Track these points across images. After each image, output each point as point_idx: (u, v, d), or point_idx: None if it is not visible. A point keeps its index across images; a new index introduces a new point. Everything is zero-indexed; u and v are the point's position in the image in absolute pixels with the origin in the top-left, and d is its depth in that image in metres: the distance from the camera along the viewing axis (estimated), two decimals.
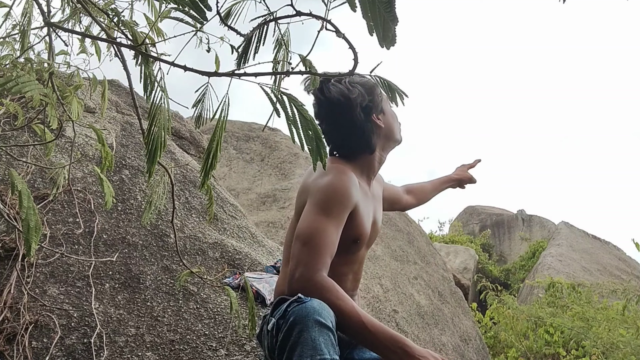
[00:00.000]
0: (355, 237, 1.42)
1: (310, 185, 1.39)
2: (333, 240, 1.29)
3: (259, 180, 4.40)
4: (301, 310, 1.08)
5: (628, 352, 3.72)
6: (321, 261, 1.24)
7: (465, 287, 7.13)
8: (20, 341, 1.38)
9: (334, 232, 1.30)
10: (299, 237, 1.26)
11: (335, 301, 1.16)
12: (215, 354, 1.55)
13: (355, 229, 1.40)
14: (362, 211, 1.42)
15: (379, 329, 1.15)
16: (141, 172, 2.24)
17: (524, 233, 10.72)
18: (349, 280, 1.50)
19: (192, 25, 1.15)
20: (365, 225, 1.44)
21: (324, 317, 1.07)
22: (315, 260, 1.24)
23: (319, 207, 1.33)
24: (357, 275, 1.55)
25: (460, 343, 3.49)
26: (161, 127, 0.97)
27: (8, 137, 2.03)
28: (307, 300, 1.11)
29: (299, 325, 1.06)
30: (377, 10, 0.67)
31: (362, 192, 1.46)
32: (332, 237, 1.29)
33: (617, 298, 5.31)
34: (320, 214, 1.32)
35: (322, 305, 1.10)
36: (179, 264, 1.84)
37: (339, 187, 1.36)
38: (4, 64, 1.80)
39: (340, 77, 1.40)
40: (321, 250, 1.25)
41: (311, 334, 1.04)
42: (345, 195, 1.35)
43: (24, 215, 0.92)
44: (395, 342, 1.13)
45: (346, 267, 1.47)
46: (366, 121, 1.48)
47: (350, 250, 1.44)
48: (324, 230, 1.29)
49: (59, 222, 1.80)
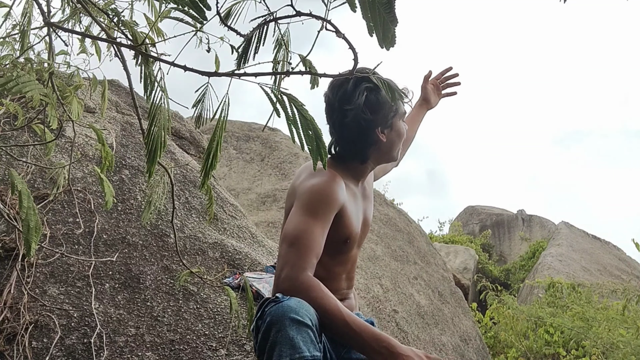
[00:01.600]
0: (345, 237, 1.43)
1: (298, 187, 1.41)
2: (318, 241, 1.30)
3: (259, 180, 4.40)
4: (277, 309, 1.08)
5: (628, 352, 3.72)
6: (307, 261, 1.26)
7: (465, 287, 7.13)
8: (20, 341, 1.38)
9: (319, 233, 1.32)
10: (286, 238, 1.29)
11: (319, 300, 1.17)
12: (215, 354, 1.55)
13: (344, 229, 1.42)
14: (349, 212, 1.43)
15: (363, 328, 1.15)
16: (141, 172, 2.24)
17: (524, 233, 10.73)
18: (343, 280, 1.52)
19: (192, 25, 1.15)
20: (354, 225, 1.45)
21: (301, 315, 1.07)
22: (302, 261, 1.25)
23: (305, 209, 1.34)
24: (351, 274, 1.56)
25: (460, 343, 3.49)
26: (161, 127, 0.97)
27: (8, 137, 2.03)
28: (285, 299, 1.11)
29: (276, 325, 1.06)
30: (377, 10, 0.67)
31: (350, 193, 1.46)
32: (318, 238, 1.30)
33: (617, 298, 5.32)
34: (306, 215, 1.33)
35: (300, 304, 1.10)
36: (179, 264, 1.84)
37: (324, 189, 1.37)
38: (4, 64, 1.80)
39: (340, 76, 1.40)
40: (307, 251, 1.27)
41: (288, 332, 1.04)
42: (330, 197, 1.36)
43: (24, 215, 0.92)
44: (380, 341, 1.13)
45: (340, 267, 1.49)
46: (365, 132, 1.46)
47: (341, 250, 1.46)
48: (310, 231, 1.31)
49: (59, 222, 1.80)
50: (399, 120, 1.52)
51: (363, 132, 1.45)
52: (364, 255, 3.43)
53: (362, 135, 1.46)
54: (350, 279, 1.56)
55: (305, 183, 1.39)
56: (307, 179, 1.40)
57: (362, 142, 1.47)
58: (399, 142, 1.54)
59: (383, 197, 4.92)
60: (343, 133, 1.47)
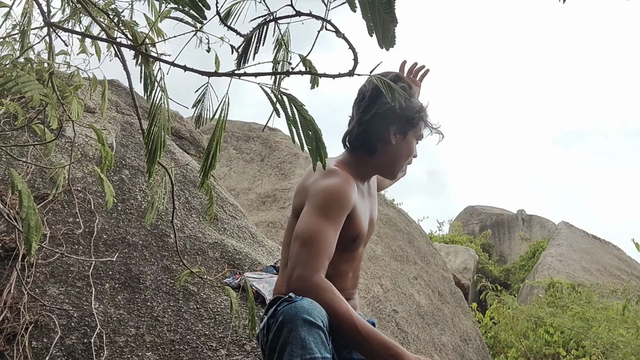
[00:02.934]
0: (354, 236, 1.43)
1: (309, 186, 1.39)
2: (331, 242, 1.30)
3: (259, 180, 4.40)
4: (290, 309, 1.08)
5: (628, 352, 3.72)
6: (319, 262, 1.25)
7: (465, 287, 7.13)
8: (20, 341, 1.38)
9: (332, 234, 1.31)
10: (298, 237, 1.27)
11: (330, 302, 1.16)
12: (215, 354, 1.55)
13: (354, 229, 1.42)
14: (359, 212, 1.43)
15: (372, 335, 1.15)
16: (141, 172, 2.24)
17: (524, 233, 10.72)
18: (349, 279, 1.52)
19: (192, 25, 1.15)
20: (363, 225, 1.45)
21: (313, 316, 1.07)
22: (314, 261, 1.25)
23: (318, 209, 1.33)
24: (356, 272, 1.56)
25: (460, 343, 3.49)
26: (161, 127, 0.97)
27: (8, 137, 2.03)
28: (297, 299, 1.11)
29: (288, 324, 1.06)
30: (376, 11, 0.67)
31: (359, 192, 1.47)
32: (330, 239, 1.30)
33: (617, 298, 5.32)
34: (319, 215, 1.33)
35: (313, 305, 1.11)
36: (179, 264, 1.84)
37: (338, 189, 1.37)
38: (4, 64, 1.80)
39: (340, 76, 1.40)
40: (319, 252, 1.26)
41: (300, 333, 1.05)
42: (344, 198, 1.36)
43: (24, 215, 0.92)
44: (388, 348, 1.13)
45: (346, 265, 1.49)
46: (384, 125, 1.46)
47: (349, 248, 1.46)
48: (323, 232, 1.30)
49: (59, 222, 1.80)
50: (413, 136, 1.51)
51: (382, 123, 1.46)
52: (364, 255, 3.43)
53: (379, 127, 1.46)
54: (356, 278, 1.56)
55: (318, 183, 1.38)
56: (320, 179, 1.39)
57: (376, 133, 1.47)
58: (404, 158, 1.53)
59: (383, 197, 4.93)
60: (363, 118, 1.47)
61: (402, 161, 1.52)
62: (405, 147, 1.50)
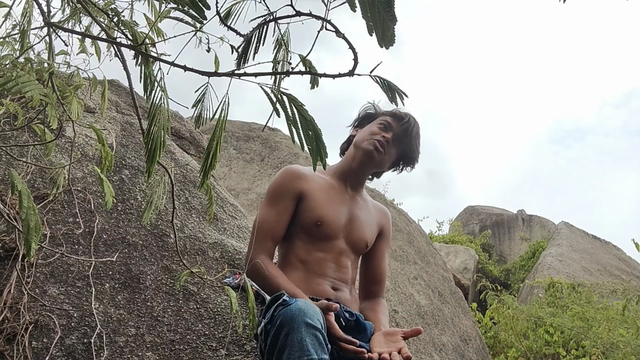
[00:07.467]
0: (314, 219, 1.56)
1: None
2: (272, 225, 1.54)
3: (259, 180, 4.40)
4: (287, 312, 1.11)
5: (628, 352, 3.72)
6: (261, 245, 1.51)
7: (465, 287, 7.13)
8: (20, 341, 1.38)
9: (273, 217, 1.55)
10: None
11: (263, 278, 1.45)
12: (215, 354, 1.55)
13: (311, 212, 1.56)
14: (316, 197, 1.58)
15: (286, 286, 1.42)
16: (141, 172, 2.24)
17: (524, 233, 10.72)
18: (330, 268, 1.54)
19: (191, 25, 1.15)
20: (323, 209, 1.57)
21: (310, 316, 1.10)
22: (256, 245, 1.51)
23: (265, 199, 1.62)
24: (340, 265, 1.57)
25: (460, 343, 3.49)
26: (161, 127, 0.97)
27: (8, 137, 2.03)
28: (292, 302, 1.14)
29: (286, 328, 1.09)
30: (376, 10, 0.67)
31: (325, 185, 1.64)
32: (271, 223, 1.54)
33: (617, 298, 5.31)
34: (264, 204, 1.61)
35: (307, 305, 1.14)
36: (179, 264, 1.84)
37: (276, 179, 1.63)
38: (4, 64, 1.80)
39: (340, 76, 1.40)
40: (260, 236, 1.51)
41: (298, 335, 1.07)
42: (281, 185, 1.60)
43: (24, 215, 0.92)
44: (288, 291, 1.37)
45: (322, 253, 1.57)
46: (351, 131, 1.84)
47: (317, 234, 1.56)
48: (264, 217, 1.56)
49: (59, 222, 1.80)
50: (373, 124, 1.76)
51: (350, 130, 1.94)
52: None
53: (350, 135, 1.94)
54: (342, 271, 1.58)
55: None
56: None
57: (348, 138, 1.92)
58: (367, 137, 1.72)
59: (383, 197, 4.92)
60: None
61: (365, 140, 1.70)
62: (367, 130, 1.73)
